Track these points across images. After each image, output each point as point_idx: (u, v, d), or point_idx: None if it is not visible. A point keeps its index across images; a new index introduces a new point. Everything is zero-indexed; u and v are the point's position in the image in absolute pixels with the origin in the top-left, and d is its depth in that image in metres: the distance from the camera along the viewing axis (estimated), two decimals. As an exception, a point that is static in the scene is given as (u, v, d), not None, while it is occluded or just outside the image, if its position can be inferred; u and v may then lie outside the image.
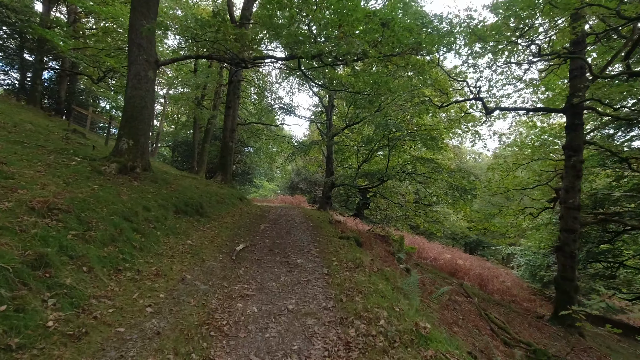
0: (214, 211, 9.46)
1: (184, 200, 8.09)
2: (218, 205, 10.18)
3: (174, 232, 6.44)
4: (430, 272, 13.88)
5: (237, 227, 8.81)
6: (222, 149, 14.81)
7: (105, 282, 3.91)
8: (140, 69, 8.82)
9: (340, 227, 10.09)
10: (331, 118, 18.36)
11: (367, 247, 8.68)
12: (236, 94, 15.04)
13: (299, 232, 9.12)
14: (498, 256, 39.03)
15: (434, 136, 14.69)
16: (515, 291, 16.80)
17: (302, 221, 10.91)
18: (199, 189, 10.52)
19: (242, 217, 10.19)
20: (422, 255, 19.51)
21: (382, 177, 17.09)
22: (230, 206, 11.29)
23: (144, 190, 7.51)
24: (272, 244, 7.71)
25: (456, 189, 15.22)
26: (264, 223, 10.11)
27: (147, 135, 9.03)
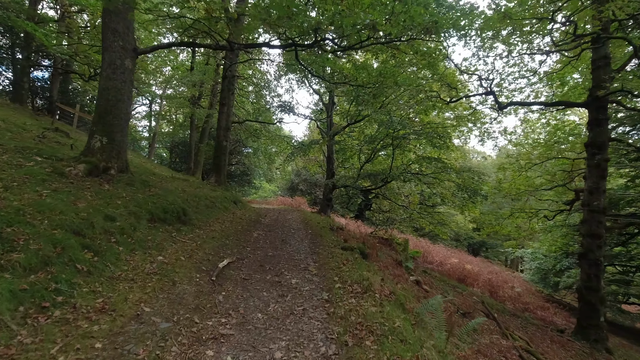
0: (201, 217, 8.24)
1: (163, 206, 6.88)
2: (206, 211, 8.97)
3: (143, 245, 5.22)
4: (439, 279, 12.65)
5: (226, 235, 7.59)
6: (216, 149, 13.61)
7: (12, 331, 2.70)
8: (116, 57, 7.62)
9: (342, 234, 8.87)
10: (332, 116, 17.15)
11: (374, 258, 7.46)
12: (231, 90, 13.84)
13: (296, 241, 7.90)
14: (501, 257, 37.76)
15: (442, 134, 13.46)
16: (527, 298, 15.55)
17: (300, 227, 9.69)
18: (186, 192, 9.32)
19: (233, 224, 8.98)
20: (427, 260, 18.26)
21: (386, 178, 15.88)
22: (222, 211, 10.08)
23: (115, 195, 6.30)
24: (263, 257, 6.49)
25: (465, 190, 13.99)
26: (258, 230, 8.89)
27: (124, 132, 7.82)
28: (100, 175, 7.15)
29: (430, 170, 14.75)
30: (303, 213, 14.29)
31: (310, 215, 13.07)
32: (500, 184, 14.70)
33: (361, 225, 22.72)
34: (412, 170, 16.71)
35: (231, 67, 13.62)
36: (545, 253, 17.51)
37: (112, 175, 7.33)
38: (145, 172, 11.10)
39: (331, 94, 16.75)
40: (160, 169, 17.20)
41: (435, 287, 10.02)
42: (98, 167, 7.14)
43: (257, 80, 19.95)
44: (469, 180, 14.45)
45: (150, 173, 11.71)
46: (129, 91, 7.92)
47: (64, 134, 12.37)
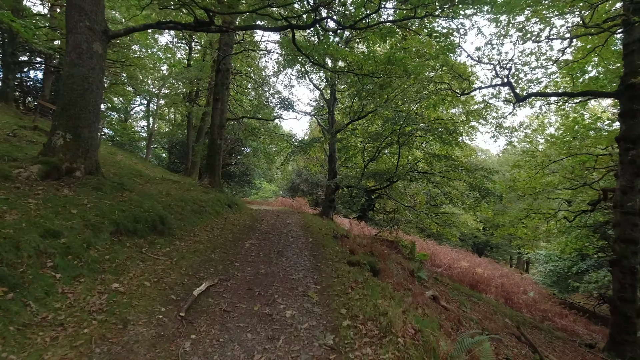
0: (185, 226, 6.99)
1: (135, 215, 5.63)
2: (193, 217, 7.71)
3: (94, 269, 3.97)
4: (451, 287, 11.39)
5: (212, 247, 6.33)
6: (210, 148, 12.36)
7: None
8: (82, 40, 6.36)
9: (347, 243, 7.59)
10: (333, 113, 15.86)
11: (386, 274, 6.18)
12: (225, 84, 12.58)
13: (294, 253, 6.64)
14: (506, 257, 36.39)
15: (452, 129, 12.16)
16: (543, 305, 14.25)
17: (300, 234, 8.42)
18: (170, 195, 8.07)
19: (223, 232, 7.72)
20: (435, 263, 16.98)
21: (391, 178, 14.59)
22: (212, 216, 8.82)
23: (72, 202, 5.05)
24: (254, 276, 5.22)
25: (478, 190, 12.68)
26: (251, 239, 7.63)
27: (94, 128, 6.57)
28: (61, 178, 5.91)
29: (440, 168, 13.45)
30: (304, 216, 13.02)
31: (311, 219, 11.80)
32: (515, 182, 13.40)
33: (365, 226, 21.42)
34: (419, 169, 15.43)
35: (225, 60, 12.36)
36: (559, 255, 16.21)
37: (77, 178, 6.09)
38: (129, 174, 9.87)
39: (333, 90, 15.46)
40: (154, 170, 15.98)
41: (451, 299, 8.74)
42: (59, 168, 5.90)
43: (255, 76, 18.68)
44: (481, 179, 13.15)
45: (137, 175, 10.49)
46: (99, 80, 6.67)
47: (44, 132, 11.15)
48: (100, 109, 6.84)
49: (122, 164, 12.38)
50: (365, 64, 8.00)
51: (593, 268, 15.05)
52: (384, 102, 12.16)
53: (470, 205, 13.84)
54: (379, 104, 11.41)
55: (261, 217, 11.62)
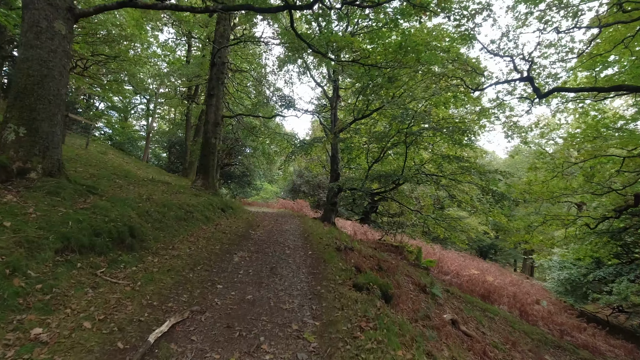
0: (164, 237, 5.87)
1: (95, 226, 4.51)
2: (176, 225, 6.59)
3: (12, 305, 2.86)
4: (463, 300, 10.22)
5: (193, 264, 5.21)
6: (203, 147, 11.26)
7: None
8: (40, 17, 5.26)
9: (352, 257, 6.43)
10: (336, 111, 14.73)
11: (402, 300, 5.02)
12: (220, 79, 11.47)
13: (290, 271, 5.50)
14: (510, 260, 35.10)
15: (465, 128, 10.98)
16: (559, 317, 13.04)
17: (299, 245, 7.29)
18: (152, 200, 6.95)
19: (210, 242, 6.59)
20: (443, 270, 15.79)
21: (397, 180, 13.45)
22: (201, 223, 7.70)
23: (11, 211, 3.94)
24: (237, 304, 4.09)
25: (492, 194, 11.52)
26: (242, 250, 6.49)
27: (55, 121, 5.46)
28: (11, 180, 4.81)
29: (449, 170, 12.30)
30: (304, 221, 11.90)
31: (312, 225, 10.67)
32: (530, 186, 12.21)
33: (368, 230, 20.25)
34: (427, 170, 14.28)
35: (220, 53, 11.26)
36: (573, 262, 14.99)
37: (32, 180, 4.98)
38: (112, 175, 8.78)
39: (336, 86, 14.33)
40: (147, 170, 14.90)
41: (468, 318, 7.59)
42: (7, 168, 4.80)
43: (255, 73, 17.59)
44: (494, 182, 11.99)
45: (122, 176, 9.40)
46: (63, 66, 5.56)
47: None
48: (65, 99, 5.73)
49: (110, 164, 11.32)
50: (373, 52, 6.87)
51: (611, 276, 13.83)
52: (391, 99, 11.02)
53: (482, 210, 12.68)
54: (386, 100, 10.26)
55: (258, 222, 10.50)
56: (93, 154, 11.89)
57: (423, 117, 10.59)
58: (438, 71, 11.33)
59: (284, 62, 15.11)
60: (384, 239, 18.05)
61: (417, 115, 11.11)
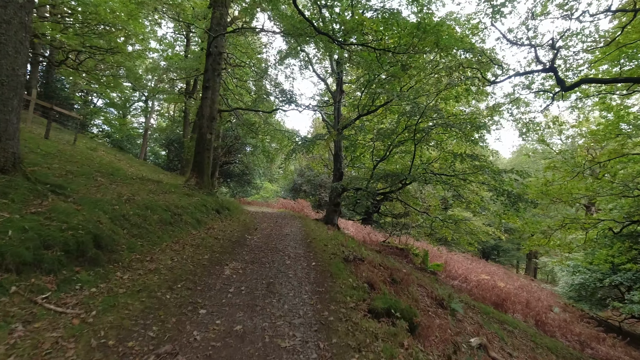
0: (142, 245, 4.88)
1: (47, 235, 3.52)
2: (159, 231, 5.60)
3: None
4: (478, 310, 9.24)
5: (172, 280, 4.22)
6: (198, 143, 10.27)
7: None
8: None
9: (363, 270, 5.41)
10: (340, 107, 13.74)
11: (428, 329, 4.01)
12: (216, 70, 10.47)
13: (290, 289, 4.50)
14: (513, 261, 34.09)
15: (480, 124, 9.98)
16: (575, 326, 12.06)
17: (300, 253, 6.29)
18: (133, 202, 5.96)
19: (198, 250, 5.60)
20: (450, 274, 14.80)
21: (404, 179, 12.47)
22: (190, 227, 6.72)
23: None
24: (221, 340, 3.09)
25: (508, 195, 10.52)
26: (235, 261, 5.50)
27: (10, 108, 4.45)
28: (-53, 178, 3.83)
29: (461, 169, 11.31)
30: (305, 223, 10.91)
31: (314, 228, 9.67)
32: (547, 186, 11.22)
33: (371, 231, 19.25)
34: (434, 169, 13.30)
35: (217, 42, 10.26)
36: (588, 267, 14.00)
37: (-25, 179, 4.00)
38: (94, 173, 7.79)
39: (339, 80, 13.34)
40: (140, 168, 13.90)
41: (490, 335, 6.60)
42: (-59, 164, 3.82)
43: (255, 68, 16.58)
44: (510, 183, 11.02)
45: (108, 173, 8.42)
46: (19, 41, 4.56)
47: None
48: (23, 82, 4.73)
49: (97, 161, 10.32)
50: (387, 32, 5.87)
51: (629, 282, 12.84)
52: (399, 91, 10.03)
53: (496, 213, 11.70)
54: (396, 94, 9.26)
55: (255, 224, 9.51)
56: (80, 150, 10.90)
57: (437, 112, 9.58)
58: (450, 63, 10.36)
59: (286, 56, 14.12)
60: (388, 241, 17.09)
61: (427, 110, 10.12)
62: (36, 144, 8.70)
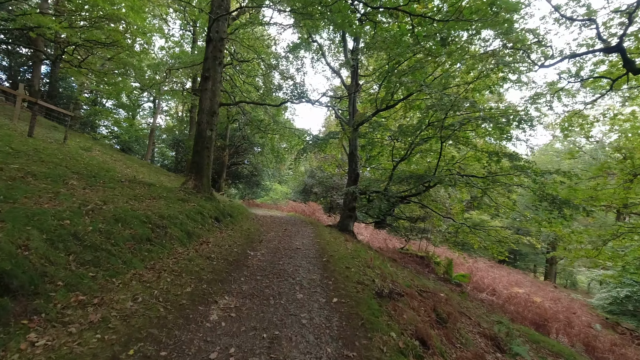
0: (93, 277, 3.32)
1: None
2: (127, 252, 4.04)
3: None
4: (526, 335, 7.48)
5: (121, 342, 2.64)
6: (196, 141, 8.76)
7: None
8: None
9: (405, 312, 3.75)
10: (355, 102, 12.10)
11: None
12: (217, 58, 8.94)
13: (304, 350, 2.89)
14: (530, 265, 31.81)
15: (524, 117, 8.21)
16: (628, 350, 10.16)
17: (316, 280, 4.67)
18: (99, 211, 4.43)
19: (179, 280, 4.02)
20: (478, 286, 12.99)
21: (428, 182, 10.78)
22: (176, 243, 5.16)
23: None
24: None
25: (553, 201, 8.73)
26: (228, 294, 3.90)
27: None
28: None
29: (494, 170, 9.56)
30: (318, 231, 9.29)
31: (329, 239, 8.02)
32: (597, 190, 9.39)
33: (387, 237, 17.49)
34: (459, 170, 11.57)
35: (218, 26, 8.73)
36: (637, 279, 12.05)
37: None
38: (70, 175, 6.34)
39: (355, 72, 11.71)
40: (140, 170, 12.50)
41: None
42: None
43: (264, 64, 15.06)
44: (554, 186, 9.23)
45: (88, 175, 6.98)
46: None
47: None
48: None
49: (86, 161, 8.90)
50: None
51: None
52: (426, 83, 8.35)
53: (534, 220, 9.90)
54: (423, 83, 7.59)
55: (261, 234, 7.93)
56: (69, 150, 9.50)
57: (472, 103, 7.86)
58: (493, 42, 8.63)
59: (295, 47, 12.56)
60: (406, 247, 15.37)
61: (458, 101, 8.40)
62: (9, 142, 7.31)
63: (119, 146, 26.59)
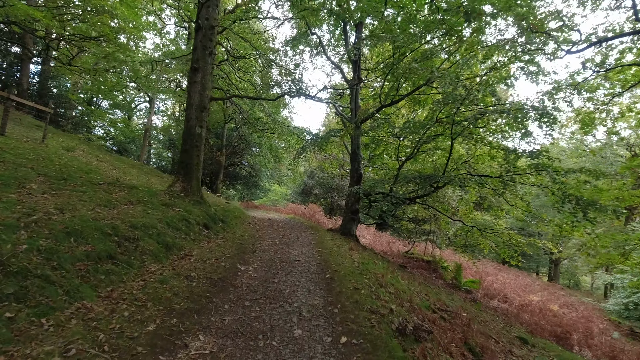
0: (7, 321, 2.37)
1: None
2: (72, 279, 3.06)
3: None
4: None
5: None
6: (185, 139, 7.79)
7: None
8: None
9: (434, 355, 2.82)
10: (357, 97, 11.12)
11: None
12: (207, 47, 7.96)
13: None
14: (533, 265, 30.82)
15: (548, 109, 7.26)
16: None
17: (319, 308, 3.68)
18: (47, 223, 3.45)
19: (140, 314, 3.04)
20: (489, 291, 12.01)
21: (437, 182, 9.82)
22: (149, 259, 4.18)
23: None
24: None
25: (577, 202, 7.77)
26: (204, 334, 2.92)
27: None
28: None
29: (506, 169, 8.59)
30: (319, 237, 8.31)
31: (331, 247, 7.04)
32: (622, 190, 8.43)
33: (391, 240, 16.50)
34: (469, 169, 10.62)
35: (207, 12, 7.76)
36: None
37: None
38: (32, 177, 5.36)
39: (357, 64, 10.74)
40: (130, 171, 11.51)
41: None
42: None
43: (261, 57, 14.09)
44: (576, 186, 8.28)
45: (58, 177, 6.03)
46: None
47: None
48: None
49: (63, 162, 7.91)
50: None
51: None
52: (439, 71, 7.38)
53: (555, 222, 8.94)
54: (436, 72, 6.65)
55: (256, 241, 6.95)
56: (47, 150, 8.52)
57: (492, 94, 6.90)
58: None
59: (295, 40, 11.60)
60: (411, 251, 14.40)
61: (473, 91, 7.44)
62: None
63: (116, 147, 25.61)
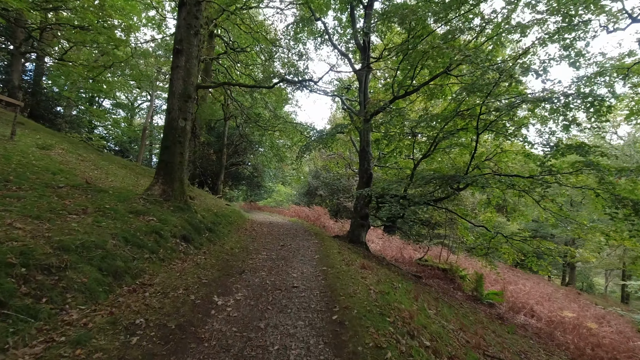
0: None
1: None
2: None
3: None
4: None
5: None
6: (166, 134, 6.46)
7: None
8: None
9: None
10: (367, 88, 9.69)
11: None
12: (193, 27, 6.62)
13: None
14: (546, 268, 28.98)
15: (603, 95, 5.79)
16: None
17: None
18: None
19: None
20: (514, 306, 10.47)
21: (458, 183, 8.37)
22: (76, 299, 2.83)
23: None
24: None
25: (634, 207, 6.28)
26: None
27: None
28: None
29: (558, 167, 7.10)
30: (325, 247, 6.90)
31: (339, 263, 5.61)
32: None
33: (403, 245, 14.98)
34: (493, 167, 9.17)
35: (192, -16, 6.42)
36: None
37: None
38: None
39: (366, 50, 9.31)
40: (117, 172, 10.23)
41: None
42: None
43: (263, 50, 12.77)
44: (626, 187, 6.78)
45: (15, 182, 4.70)
46: None
47: None
48: None
49: (24, 161, 6.62)
50: None
51: None
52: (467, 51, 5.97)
53: (601, 230, 7.44)
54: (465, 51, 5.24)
55: (248, 255, 5.57)
56: (14, 147, 7.26)
57: (537, 73, 5.44)
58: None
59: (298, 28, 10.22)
60: (425, 258, 12.92)
61: (510, 74, 5.98)
62: None
63: (118, 147, 24.52)
